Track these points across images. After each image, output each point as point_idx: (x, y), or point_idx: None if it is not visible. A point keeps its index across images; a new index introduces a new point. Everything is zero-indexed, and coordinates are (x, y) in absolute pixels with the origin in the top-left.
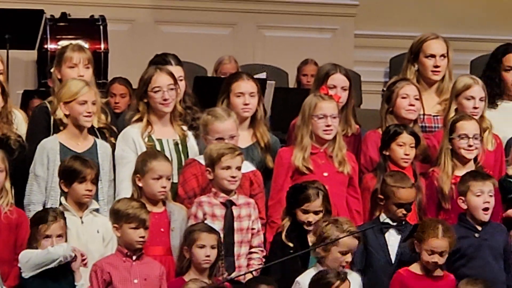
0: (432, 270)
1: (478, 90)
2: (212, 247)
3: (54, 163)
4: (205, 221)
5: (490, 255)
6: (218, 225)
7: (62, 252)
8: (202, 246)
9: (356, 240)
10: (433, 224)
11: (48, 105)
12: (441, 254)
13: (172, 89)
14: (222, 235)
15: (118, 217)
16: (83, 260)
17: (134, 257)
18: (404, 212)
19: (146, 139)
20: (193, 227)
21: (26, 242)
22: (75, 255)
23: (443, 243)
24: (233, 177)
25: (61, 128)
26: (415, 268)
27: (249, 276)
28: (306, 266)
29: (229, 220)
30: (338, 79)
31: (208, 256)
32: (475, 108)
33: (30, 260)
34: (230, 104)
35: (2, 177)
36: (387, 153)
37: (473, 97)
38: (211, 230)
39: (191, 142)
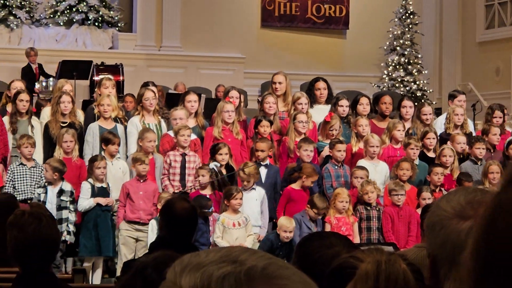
0: (307, 188)
1: (304, 99)
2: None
3: (96, 135)
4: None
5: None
6: (178, 165)
7: (88, 204)
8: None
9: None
10: (308, 166)
11: (94, 107)
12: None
13: (154, 98)
14: (179, 171)
15: (133, 160)
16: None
17: (141, 181)
18: (260, 154)
19: (142, 124)
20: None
21: (85, 175)
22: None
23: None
24: (186, 141)
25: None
26: (295, 185)
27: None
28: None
29: (183, 163)
30: (234, 93)
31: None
32: (303, 108)
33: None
34: (185, 106)
35: (73, 144)
36: (257, 130)
37: (302, 103)
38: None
39: (163, 125)
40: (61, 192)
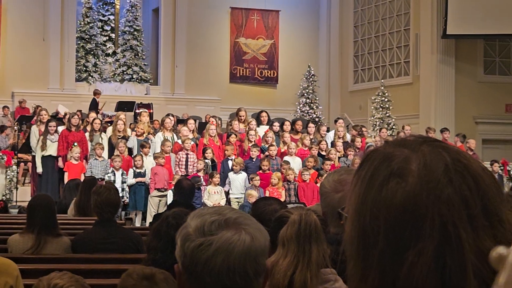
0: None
1: (254, 122)
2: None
3: (136, 143)
4: (180, 161)
5: None
6: (184, 160)
7: (132, 182)
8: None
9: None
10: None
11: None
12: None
13: (170, 122)
14: (184, 163)
15: (157, 157)
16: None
17: (162, 167)
18: (226, 153)
19: (163, 136)
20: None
21: (131, 165)
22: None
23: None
24: (188, 146)
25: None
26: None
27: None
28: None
29: (186, 159)
30: (214, 119)
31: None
32: (253, 127)
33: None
34: (187, 126)
35: (125, 148)
36: (228, 140)
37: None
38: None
39: (175, 137)
40: (122, 174)
